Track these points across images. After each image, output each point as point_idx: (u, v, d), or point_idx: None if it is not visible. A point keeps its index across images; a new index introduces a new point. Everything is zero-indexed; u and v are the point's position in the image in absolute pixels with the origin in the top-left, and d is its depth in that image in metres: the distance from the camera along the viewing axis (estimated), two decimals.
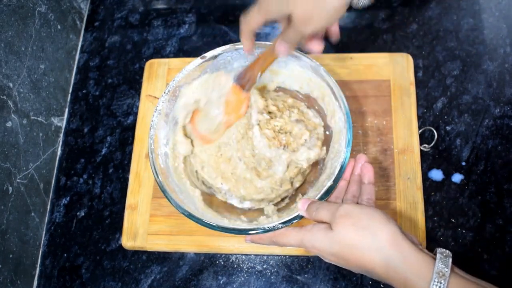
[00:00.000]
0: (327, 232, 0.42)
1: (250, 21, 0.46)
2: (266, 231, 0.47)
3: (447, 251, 0.38)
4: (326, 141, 0.57)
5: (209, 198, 0.58)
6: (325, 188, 0.49)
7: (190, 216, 0.49)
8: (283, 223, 0.47)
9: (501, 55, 0.67)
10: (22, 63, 0.61)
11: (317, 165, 0.58)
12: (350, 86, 0.64)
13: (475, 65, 0.67)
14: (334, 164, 0.51)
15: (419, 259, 0.37)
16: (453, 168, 0.61)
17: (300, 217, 0.48)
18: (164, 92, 0.55)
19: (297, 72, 0.58)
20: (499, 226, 0.58)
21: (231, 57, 0.57)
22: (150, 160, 0.52)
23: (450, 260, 0.37)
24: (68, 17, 0.73)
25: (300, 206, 0.47)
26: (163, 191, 0.51)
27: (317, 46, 0.47)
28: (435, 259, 0.37)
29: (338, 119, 0.54)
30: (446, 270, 0.36)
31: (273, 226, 0.47)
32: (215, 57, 0.56)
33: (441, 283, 0.35)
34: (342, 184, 0.51)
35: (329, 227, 0.42)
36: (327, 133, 0.58)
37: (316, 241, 0.42)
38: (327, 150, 0.57)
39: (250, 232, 0.48)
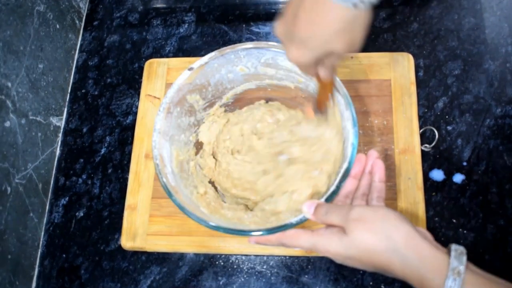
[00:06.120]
0: (341, 237, 0.41)
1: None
2: (272, 231, 0.46)
3: (461, 248, 0.38)
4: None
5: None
6: (342, 170, 0.47)
7: (218, 228, 0.47)
8: (292, 223, 0.45)
9: (502, 55, 0.66)
10: (20, 63, 0.61)
11: None
12: (350, 86, 0.64)
13: (476, 64, 0.66)
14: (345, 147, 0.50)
15: (434, 257, 0.38)
16: (454, 168, 0.61)
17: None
18: (159, 110, 0.53)
19: (289, 65, 0.56)
20: (500, 227, 0.58)
21: (218, 63, 0.55)
22: (161, 181, 0.50)
23: (465, 257, 0.37)
24: (67, 16, 0.72)
25: (306, 209, 0.45)
26: (182, 209, 0.49)
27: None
28: (450, 255, 0.37)
29: (338, 102, 0.52)
30: (461, 267, 0.36)
31: (284, 225, 0.45)
32: (202, 66, 0.55)
33: (456, 280, 0.36)
34: (351, 182, 0.50)
35: (342, 230, 0.41)
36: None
37: (330, 246, 0.42)
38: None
39: (253, 233, 0.46)
